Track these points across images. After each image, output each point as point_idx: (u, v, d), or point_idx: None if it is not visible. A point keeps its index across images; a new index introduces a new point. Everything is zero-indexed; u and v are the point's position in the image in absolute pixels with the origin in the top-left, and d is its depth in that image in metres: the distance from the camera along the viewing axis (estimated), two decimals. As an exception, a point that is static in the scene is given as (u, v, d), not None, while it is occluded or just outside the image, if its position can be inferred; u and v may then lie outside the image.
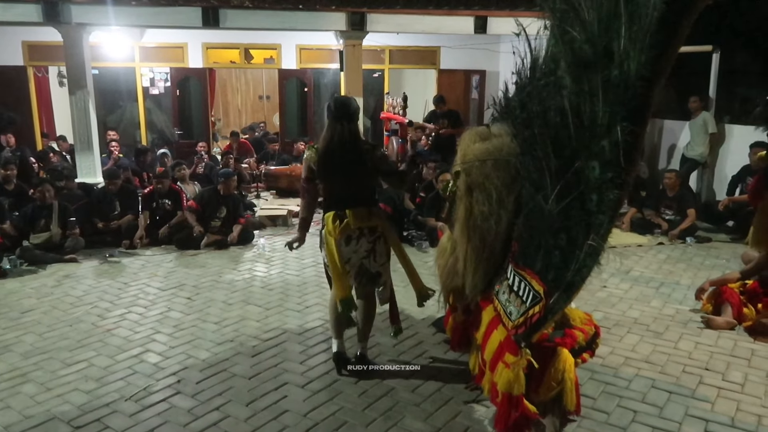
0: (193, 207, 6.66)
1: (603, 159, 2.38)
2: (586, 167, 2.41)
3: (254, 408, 3.26)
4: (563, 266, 2.52)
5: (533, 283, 2.60)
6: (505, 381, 2.67)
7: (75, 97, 8.13)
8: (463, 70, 11.95)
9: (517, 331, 2.66)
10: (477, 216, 2.88)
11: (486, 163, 2.86)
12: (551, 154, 2.51)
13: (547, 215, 2.53)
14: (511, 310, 2.74)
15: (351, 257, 3.48)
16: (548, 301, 2.54)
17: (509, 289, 2.79)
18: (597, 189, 2.41)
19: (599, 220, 2.44)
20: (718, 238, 6.82)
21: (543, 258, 2.59)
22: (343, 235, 3.41)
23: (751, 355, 3.90)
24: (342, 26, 8.41)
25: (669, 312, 4.64)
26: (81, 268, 5.81)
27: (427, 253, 6.32)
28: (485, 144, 2.96)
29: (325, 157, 3.39)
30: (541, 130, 2.56)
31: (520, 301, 2.67)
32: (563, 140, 2.46)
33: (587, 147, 2.41)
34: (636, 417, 3.17)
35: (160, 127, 11.30)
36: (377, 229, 3.48)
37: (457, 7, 8.33)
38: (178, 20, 8.19)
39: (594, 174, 2.39)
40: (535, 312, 2.57)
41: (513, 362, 2.66)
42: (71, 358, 3.85)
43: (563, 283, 2.54)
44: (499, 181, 2.83)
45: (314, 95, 11.59)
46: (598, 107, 2.36)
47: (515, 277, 2.75)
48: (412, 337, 4.16)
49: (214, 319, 4.51)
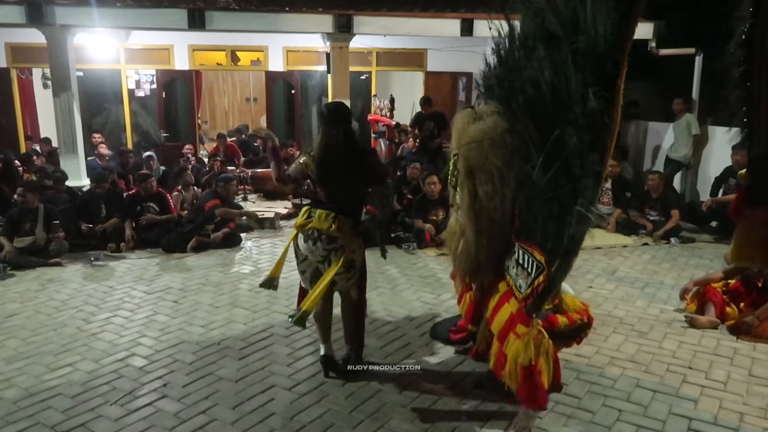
0: (218, 203, 6.69)
1: (577, 125, 2.45)
2: (566, 134, 2.47)
3: (241, 411, 3.25)
4: (559, 234, 2.60)
5: (535, 254, 2.67)
6: (515, 350, 2.78)
7: (59, 99, 8.04)
8: (449, 72, 11.99)
9: (526, 302, 2.75)
10: (482, 197, 2.89)
11: (483, 144, 2.87)
12: (531, 126, 2.59)
13: (537, 186, 2.60)
14: (520, 283, 2.82)
15: (307, 256, 3.49)
16: (550, 270, 2.62)
17: (516, 264, 2.86)
18: (578, 154, 2.48)
19: (584, 184, 2.51)
20: (702, 239, 6.90)
21: (541, 229, 2.67)
22: (302, 230, 3.46)
23: (734, 354, 3.95)
24: (329, 28, 8.41)
25: (653, 312, 4.69)
26: (65, 272, 5.75)
27: (415, 254, 6.34)
28: (479, 124, 2.98)
29: (323, 163, 3.40)
30: (520, 105, 2.64)
31: (526, 273, 2.75)
32: (540, 112, 2.54)
33: (563, 115, 2.48)
34: (621, 416, 3.20)
35: (145, 130, 11.21)
36: (337, 240, 3.39)
37: (443, 10, 8.36)
38: (163, 22, 8.14)
39: (572, 140, 2.46)
40: (539, 282, 2.65)
41: (524, 333, 2.76)
42: (55, 363, 3.82)
43: (561, 250, 2.62)
44: (498, 159, 2.84)
45: (301, 97, 11.57)
46: (570, 76, 2.43)
47: (519, 251, 2.81)
48: (399, 339, 4.17)
49: (201, 322, 4.49)
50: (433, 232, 6.54)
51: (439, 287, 5.29)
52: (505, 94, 2.80)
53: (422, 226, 6.59)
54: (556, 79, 2.48)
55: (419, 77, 11.99)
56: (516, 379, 2.89)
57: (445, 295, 5.06)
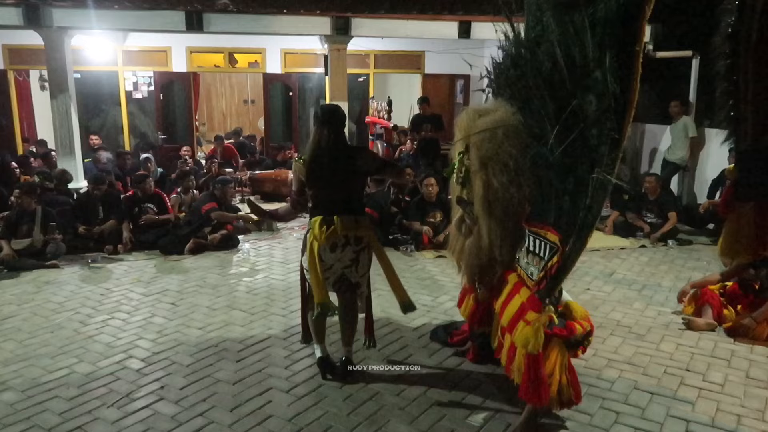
0: (215, 206, 6.69)
1: (597, 90, 2.41)
2: (584, 102, 2.45)
3: (238, 413, 3.24)
4: (574, 208, 2.56)
5: (548, 236, 2.64)
6: (523, 337, 2.71)
7: (56, 101, 8.03)
8: (447, 74, 12.02)
9: (539, 287, 2.70)
10: (497, 188, 2.85)
11: (497, 134, 2.84)
12: (547, 98, 2.55)
13: (552, 162, 2.57)
14: (531, 271, 2.79)
15: (334, 264, 3.47)
16: (565, 249, 2.58)
17: (527, 252, 2.83)
18: (596, 122, 2.44)
19: (601, 152, 2.47)
20: (699, 241, 6.92)
21: (555, 208, 2.63)
22: (329, 241, 3.39)
23: (731, 356, 3.96)
24: (326, 30, 8.42)
25: (651, 314, 4.70)
26: (62, 274, 5.74)
27: (413, 256, 6.34)
28: (489, 117, 2.96)
29: (314, 163, 3.39)
30: (535, 80, 2.60)
31: (538, 258, 2.72)
32: (556, 83, 2.51)
33: (581, 83, 2.45)
34: (618, 418, 3.20)
35: (143, 132, 11.21)
36: (363, 239, 3.47)
37: (441, 12, 8.37)
38: (161, 24, 8.14)
39: (591, 107, 2.42)
40: (553, 263, 2.61)
41: (534, 319, 2.70)
42: (52, 365, 3.80)
43: (576, 225, 2.57)
44: (513, 148, 2.82)
45: (299, 99, 11.58)
46: (587, 43, 2.41)
47: (530, 237, 2.79)
48: (397, 341, 4.16)
49: (198, 324, 4.48)
50: (430, 235, 6.55)
51: (437, 289, 5.29)
52: (520, 72, 2.77)
53: (420, 229, 6.59)
54: (573, 47, 2.45)
55: (417, 79, 12.01)
56: (520, 371, 2.84)
57: (443, 297, 5.06)
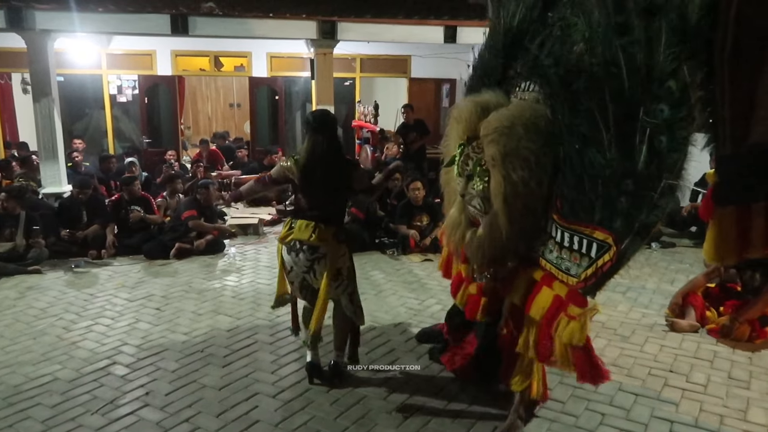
0: (195, 214, 6.62)
1: (671, 100, 2.37)
2: (653, 111, 2.39)
3: (225, 419, 3.22)
4: (634, 210, 2.50)
5: (596, 235, 2.59)
6: (569, 332, 2.72)
7: (39, 104, 7.95)
8: (433, 78, 12.07)
9: (586, 283, 2.67)
10: (517, 182, 2.81)
11: (516, 129, 2.80)
12: (608, 104, 2.48)
13: (606, 166, 2.51)
14: (567, 266, 2.74)
15: (293, 267, 3.50)
16: (620, 247, 2.54)
17: (558, 246, 2.78)
18: (667, 129, 2.40)
19: (672, 159, 2.43)
20: (682, 243, 7.01)
21: (603, 208, 2.57)
22: (287, 243, 3.47)
23: (714, 357, 4.01)
24: (313, 34, 8.42)
25: (635, 316, 4.75)
26: (45, 280, 5.67)
27: (399, 260, 6.35)
28: (503, 111, 2.92)
29: (307, 170, 3.39)
30: (588, 85, 2.54)
31: (578, 255, 2.68)
32: (617, 90, 2.44)
33: (650, 91, 2.39)
34: (604, 419, 3.23)
35: (128, 135, 11.13)
36: (318, 249, 3.41)
37: (427, 17, 8.41)
38: (146, 27, 8.09)
39: (663, 116, 2.38)
40: (605, 261, 2.58)
41: (580, 313, 2.70)
42: (35, 372, 3.76)
43: (635, 226, 2.52)
44: (533, 144, 2.78)
45: (285, 103, 11.56)
46: (658, 52, 2.36)
47: (565, 233, 2.74)
48: (384, 345, 4.16)
49: (184, 329, 4.45)
50: (417, 238, 6.56)
51: (424, 293, 5.30)
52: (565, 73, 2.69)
53: (406, 232, 6.60)
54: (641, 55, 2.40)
55: (403, 83, 12.05)
56: (570, 361, 2.84)
57: (430, 301, 5.08)
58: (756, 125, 2.26)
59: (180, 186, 7.59)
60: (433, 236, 6.61)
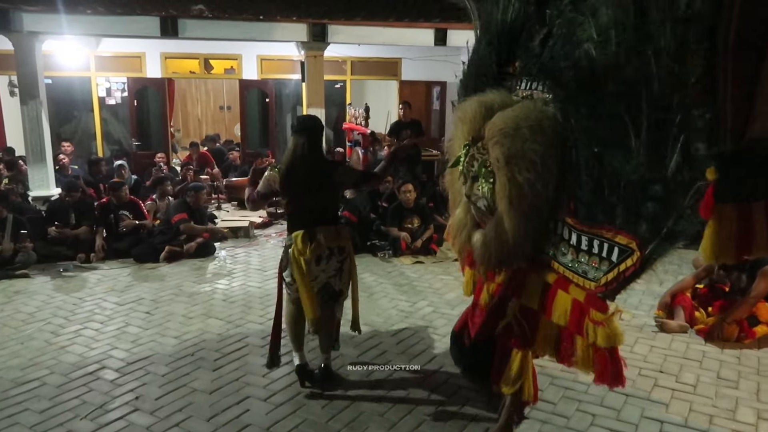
0: (185, 217, 6.57)
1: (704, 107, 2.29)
2: (690, 117, 2.32)
3: (216, 423, 3.20)
4: (662, 215, 2.46)
5: (618, 239, 2.55)
6: (605, 337, 2.69)
7: (27, 107, 7.88)
8: (424, 81, 12.10)
9: (606, 288, 2.64)
10: (522, 184, 2.78)
11: (521, 131, 2.77)
12: (643, 109, 2.41)
13: (631, 171, 2.46)
14: (584, 269, 2.71)
15: (319, 275, 3.47)
16: (644, 253, 2.50)
17: (574, 250, 2.75)
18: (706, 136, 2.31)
19: (706, 165, 2.31)
20: (671, 245, 7.05)
21: (625, 212, 2.54)
22: (313, 255, 3.39)
23: (703, 357, 4.04)
24: (303, 37, 8.42)
25: (625, 317, 4.76)
26: (33, 284, 5.61)
27: (390, 262, 6.35)
28: (509, 112, 2.88)
29: (290, 172, 3.39)
30: (621, 88, 2.47)
31: (597, 259, 2.64)
32: (653, 95, 2.39)
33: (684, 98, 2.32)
34: (595, 420, 3.24)
35: (117, 138, 11.06)
36: (345, 248, 3.50)
37: (417, 20, 8.43)
38: (135, 29, 8.05)
39: (702, 122, 2.30)
40: (627, 266, 2.55)
41: (605, 318, 2.68)
42: (22, 377, 3.72)
43: (661, 231, 2.48)
44: (539, 146, 2.74)
45: (276, 106, 11.53)
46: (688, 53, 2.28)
47: (582, 237, 2.70)
48: (375, 347, 4.16)
49: (174, 333, 4.42)
50: (408, 240, 6.57)
51: (415, 295, 5.30)
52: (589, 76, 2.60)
53: (398, 234, 6.60)
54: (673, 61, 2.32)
55: (394, 86, 12.06)
56: (592, 362, 2.83)
57: (421, 303, 5.08)
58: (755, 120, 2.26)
59: (169, 188, 7.56)
60: (424, 238, 6.63)
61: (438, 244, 6.69)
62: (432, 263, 6.34)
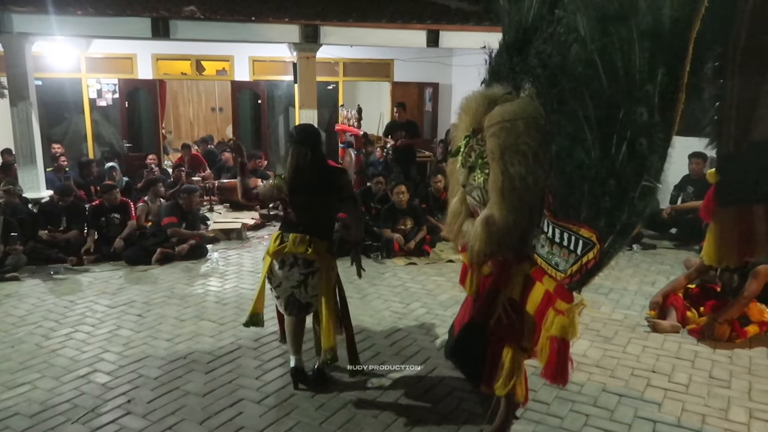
0: (174, 221, 6.53)
1: (650, 104, 2.39)
2: (633, 113, 2.42)
3: (209, 426, 3.18)
4: (615, 210, 2.53)
5: (582, 232, 2.62)
6: (560, 326, 2.74)
7: (17, 108, 7.83)
8: (416, 82, 12.12)
9: (571, 279, 2.70)
10: (514, 177, 2.84)
11: (517, 124, 2.84)
12: (589, 105, 2.52)
13: (591, 165, 2.55)
14: (557, 261, 2.77)
15: (282, 282, 3.47)
16: (603, 246, 2.56)
17: (549, 242, 2.81)
18: (646, 133, 2.42)
19: (650, 162, 2.45)
20: (662, 245, 7.10)
21: (589, 206, 2.61)
22: (278, 257, 3.42)
23: (695, 357, 4.06)
24: (295, 38, 8.41)
25: (618, 317, 4.79)
26: (23, 287, 5.56)
27: (383, 264, 6.34)
28: (507, 106, 2.94)
29: (294, 182, 3.39)
30: (572, 85, 2.57)
31: (567, 251, 2.70)
32: (598, 91, 2.48)
33: (629, 94, 2.42)
34: (588, 420, 3.25)
35: (108, 140, 10.99)
36: (314, 263, 3.43)
37: (409, 21, 8.44)
38: (126, 31, 8.02)
39: (643, 119, 2.41)
40: (589, 258, 2.60)
41: (567, 308, 2.72)
42: (13, 381, 3.68)
43: (617, 226, 2.55)
44: (532, 141, 2.81)
45: (268, 107, 11.51)
46: (634, 55, 2.38)
47: (555, 229, 2.77)
48: (369, 349, 4.15)
49: (166, 335, 4.40)
50: (401, 242, 6.56)
51: (408, 296, 5.30)
52: (552, 74, 2.72)
53: (391, 236, 6.60)
54: (617, 59, 2.42)
55: (386, 87, 12.07)
56: (547, 354, 2.85)
57: (414, 304, 5.08)
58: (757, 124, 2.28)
59: (161, 190, 7.51)
60: (417, 239, 6.63)
61: (431, 246, 6.70)
62: (425, 264, 6.34)
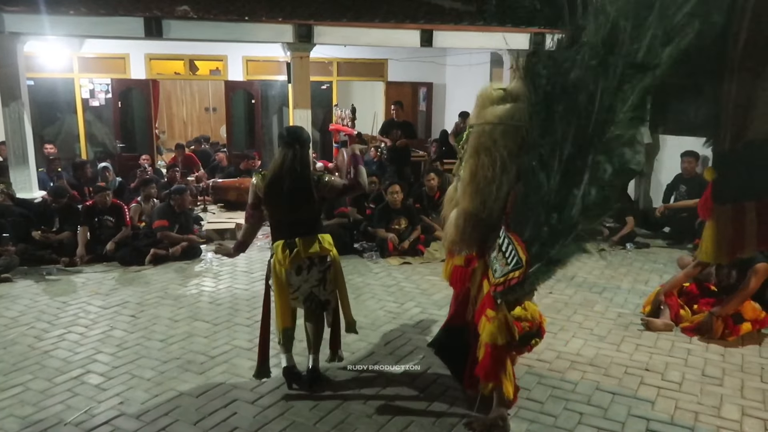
0: (165, 225, 6.49)
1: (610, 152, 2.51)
2: (601, 163, 2.50)
3: (203, 427, 3.17)
4: (549, 243, 2.64)
5: (519, 250, 2.72)
6: (488, 333, 2.89)
7: (9, 108, 7.77)
8: (410, 82, 12.13)
9: (496, 288, 2.83)
10: (480, 179, 2.92)
11: (496, 128, 2.90)
12: (570, 139, 2.55)
13: (545, 193, 2.62)
14: (495, 268, 2.88)
15: (301, 286, 3.46)
16: (527, 270, 2.68)
17: (498, 248, 2.90)
18: (599, 186, 2.51)
19: (592, 212, 2.57)
20: (656, 244, 7.13)
21: (531, 229, 2.71)
22: (293, 265, 3.38)
23: (688, 355, 4.08)
24: (289, 38, 8.38)
25: (611, 316, 4.81)
26: (16, 288, 5.53)
27: (378, 264, 6.34)
28: (499, 108, 2.98)
29: (273, 183, 3.36)
30: (567, 113, 2.59)
31: (505, 261, 2.81)
32: (583, 129, 2.52)
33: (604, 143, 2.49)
34: (582, 419, 3.26)
35: (101, 140, 10.94)
36: (327, 257, 3.46)
37: (403, 21, 8.44)
38: (119, 30, 7.96)
39: (605, 174, 2.49)
40: (514, 276, 2.72)
41: (493, 316, 2.86)
42: (5, 383, 3.66)
43: (545, 257, 2.68)
44: (505, 149, 2.87)
45: (262, 107, 11.49)
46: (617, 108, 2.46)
47: (506, 239, 2.85)
48: (363, 349, 4.15)
49: (160, 336, 4.38)
50: (395, 242, 6.56)
51: (402, 296, 5.30)
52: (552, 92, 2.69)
53: (385, 236, 6.60)
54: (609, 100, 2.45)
55: (380, 87, 12.07)
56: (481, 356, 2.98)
57: (409, 304, 5.08)
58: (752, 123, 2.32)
59: (154, 191, 7.48)
60: (412, 239, 6.63)
61: (425, 245, 6.70)
62: (419, 264, 6.35)
